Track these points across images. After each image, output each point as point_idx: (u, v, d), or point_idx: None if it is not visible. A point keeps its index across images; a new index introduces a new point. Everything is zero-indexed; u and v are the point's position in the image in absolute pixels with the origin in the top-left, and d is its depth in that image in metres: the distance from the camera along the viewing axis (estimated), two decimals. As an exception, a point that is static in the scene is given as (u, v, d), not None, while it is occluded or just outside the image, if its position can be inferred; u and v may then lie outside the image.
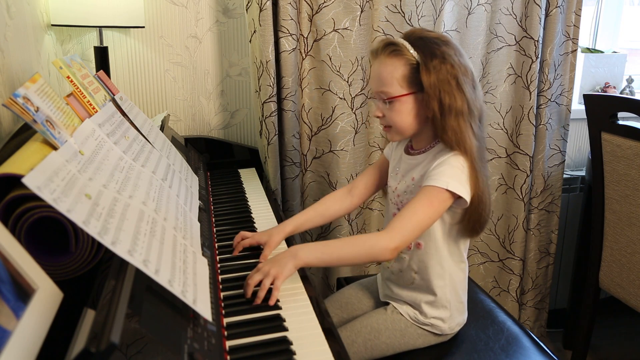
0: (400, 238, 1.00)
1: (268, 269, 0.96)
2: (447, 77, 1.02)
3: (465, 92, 1.03)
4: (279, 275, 0.95)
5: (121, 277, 0.67)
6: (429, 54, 1.03)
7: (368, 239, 1.05)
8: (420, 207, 1.02)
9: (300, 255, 0.99)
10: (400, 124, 1.09)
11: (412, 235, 1.02)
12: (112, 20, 1.46)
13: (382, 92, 1.08)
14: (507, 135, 1.93)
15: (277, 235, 1.16)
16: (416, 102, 1.06)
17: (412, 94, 1.06)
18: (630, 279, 1.64)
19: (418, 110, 1.07)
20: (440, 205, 1.03)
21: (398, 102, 1.07)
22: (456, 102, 1.02)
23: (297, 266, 0.99)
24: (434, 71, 1.02)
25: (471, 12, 1.79)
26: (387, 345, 1.15)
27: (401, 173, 1.18)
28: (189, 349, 0.69)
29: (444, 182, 1.02)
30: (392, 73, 1.05)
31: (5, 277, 0.56)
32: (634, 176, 1.57)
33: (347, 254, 1.03)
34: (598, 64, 2.23)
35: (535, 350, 1.16)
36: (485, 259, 2.05)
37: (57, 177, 0.66)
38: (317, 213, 1.25)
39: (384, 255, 1.01)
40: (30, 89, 0.80)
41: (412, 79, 1.05)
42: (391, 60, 1.06)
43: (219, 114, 1.86)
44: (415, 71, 1.04)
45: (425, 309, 1.15)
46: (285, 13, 1.58)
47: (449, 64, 1.03)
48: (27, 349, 0.54)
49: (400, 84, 1.05)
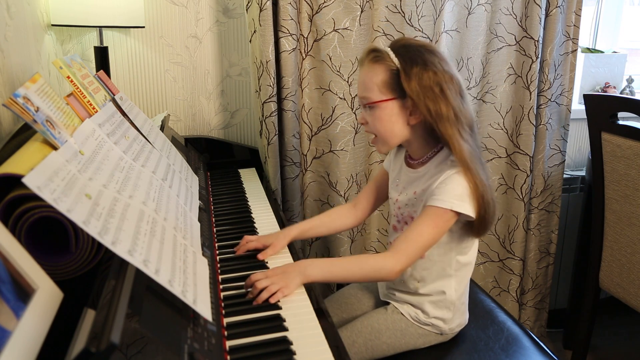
0: (405, 261, 1.03)
1: (277, 280, 0.97)
2: (429, 83, 1.03)
3: (449, 98, 1.03)
4: (284, 288, 0.96)
5: (121, 277, 0.67)
6: (409, 60, 1.04)
7: (375, 261, 1.05)
8: (425, 228, 1.03)
9: (308, 272, 1.01)
10: (382, 131, 1.10)
11: (416, 256, 1.05)
12: (112, 20, 1.46)
13: (364, 97, 1.09)
14: (507, 135, 1.93)
15: (283, 239, 1.17)
16: (396, 108, 1.07)
17: (391, 99, 1.06)
18: (630, 279, 1.64)
19: (399, 117, 1.08)
20: (445, 225, 1.04)
21: (378, 108, 1.08)
22: (440, 108, 1.03)
23: (303, 282, 1.00)
24: (415, 77, 1.03)
25: (471, 12, 1.79)
26: (387, 346, 1.16)
27: (402, 185, 1.18)
28: (189, 349, 0.69)
29: (449, 204, 1.02)
30: (373, 79, 1.07)
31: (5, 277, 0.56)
32: (634, 176, 1.57)
33: (353, 274, 1.05)
34: (598, 64, 2.23)
35: (535, 350, 1.16)
36: (485, 259, 2.05)
37: (57, 177, 0.66)
38: (322, 223, 1.28)
39: (389, 277, 1.04)
40: (30, 89, 0.80)
41: (392, 85, 1.06)
42: (373, 67, 1.07)
43: (219, 114, 1.86)
44: (396, 77, 1.05)
45: (428, 308, 1.16)
46: (285, 13, 1.58)
47: (431, 71, 1.03)
48: (27, 349, 0.54)
49: (380, 90, 1.06)
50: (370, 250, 1.89)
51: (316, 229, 1.27)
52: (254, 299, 0.95)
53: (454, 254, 1.13)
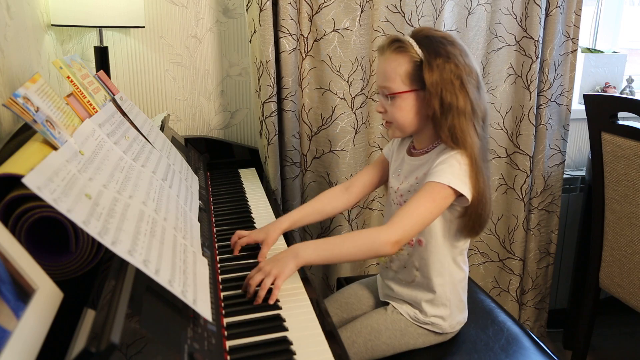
0: (401, 232, 1.01)
1: (269, 269, 0.96)
2: (450, 76, 1.03)
3: (469, 92, 1.04)
4: (279, 275, 0.95)
5: (121, 277, 0.67)
6: (433, 52, 1.04)
7: (369, 233, 1.05)
8: (423, 201, 1.02)
9: (301, 254, 0.99)
10: (401, 121, 1.10)
11: (413, 230, 1.02)
12: (112, 20, 1.46)
13: (385, 87, 1.09)
14: (507, 135, 1.93)
15: (273, 232, 1.16)
16: (417, 99, 1.07)
17: (413, 91, 1.07)
18: (630, 279, 1.64)
19: (419, 108, 1.08)
20: (442, 201, 1.03)
21: (399, 98, 1.07)
22: (458, 101, 1.03)
23: (298, 265, 0.99)
24: (437, 69, 1.03)
25: (471, 12, 1.79)
26: (387, 346, 1.15)
27: (404, 174, 1.18)
28: (189, 349, 0.69)
29: (447, 179, 1.02)
30: (396, 69, 1.06)
31: (5, 277, 0.56)
32: (634, 176, 1.57)
33: (348, 249, 1.03)
34: (598, 64, 2.23)
35: (535, 350, 1.16)
36: (485, 259, 2.05)
37: (57, 177, 0.66)
38: (314, 209, 1.25)
39: (385, 248, 1.00)
40: (30, 89, 0.80)
41: (414, 76, 1.06)
42: (395, 57, 1.07)
43: (219, 114, 1.86)
44: (419, 69, 1.05)
45: (425, 307, 1.15)
46: (285, 13, 1.58)
47: (453, 63, 1.03)
48: (27, 349, 0.54)
49: (403, 81, 1.06)
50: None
51: (308, 217, 1.24)
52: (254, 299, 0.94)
53: (446, 252, 1.13)
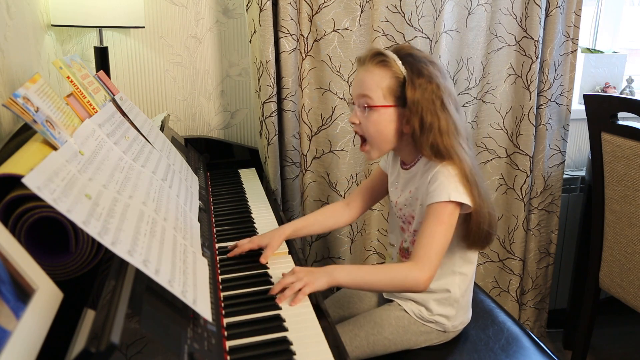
0: (430, 267, 1.02)
1: (302, 276, 0.98)
2: (431, 97, 1.04)
3: (450, 112, 1.05)
4: (309, 284, 0.97)
5: (121, 277, 0.67)
6: (417, 71, 1.05)
7: (401, 269, 1.05)
8: (434, 228, 1.03)
9: (335, 274, 1.01)
10: (374, 135, 1.10)
11: (438, 260, 1.03)
12: (112, 21, 1.46)
13: (365, 97, 1.08)
14: (507, 135, 1.93)
15: (277, 237, 1.16)
16: (394, 115, 1.08)
17: (392, 107, 1.07)
18: (630, 279, 1.64)
19: (395, 125, 1.08)
20: (450, 218, 1.04)
21: (377, 112, 1.08)
22: (440, 121, 1.04)
23: (330, 283, 1.00)
24: (419, 89, 1.04)
25: (471, 12, 1.79)
26: (389, 341, 1.16)
27: (400, 187, 1.20)
28: (189, 349, 0.69)
29: (445, 195, 1.03)
30: (378, 82, 1.07)
31: (5, 277, 0.56)
32: (634, 176, 1.57)
33: (379, 280, 1.03)
34: (598, 64, 2.23)
35: (535, 351, 1.16)
36: (485, 259, 2.05)
37: (57, 177, 0.66)
38: (316, 221, 1.28)
39: (418, 287, 1.02)
40: (30, 89, 0.80)
41: (396, 92, 1.06)
42: (378, 70, 1.07)
43: (219, 114, 1.86)
44: (400, 85, 1.06)
45: (432, 306, 1.16)
46: (285, 13, 1.58)
47: (435, 84, 1.05)
48: (27, 349, 0.54)
49: (384, 95, 1.07)
50: (370, 250, 1.90)
51: (310, 227, 1.27)
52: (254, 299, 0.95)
53: (457, 251, 1.13)
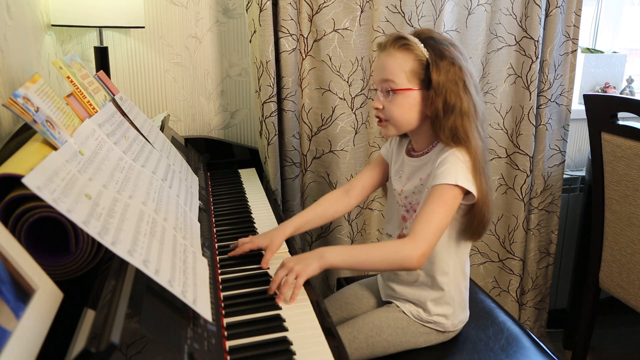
0: (425, 243, 1.01)
1: (292, 265, 0.98)
2: (455, 78, 1.04)
3: (471, 94, 1.06)
4: (302, 273, 0.96)
5: (121, 277, 0.67)
6: (439, 53, 1.05)
7: (394, 244, 1.05)
8: (436, 207, 1.02)
9: (326, 256, 1.00)
10: (399, 118, 1.10)
11: (435, 238, 1.02)
12: (112, 21, 1.46)
13: (388, 82, 1.08)
14: (507, 135, 1.93)
15: (277, 238, 1.15)
16: (418, 98, 1.08)
17: (417, 89, 1.07)
18: (630, 279, 1.64)
19: (419, 107, 1.08)
20: (453, 201, 1.04)
21: (401, 95, 1.08)
22: (462, 103, 1.04)
23: (322, 267, 1.00)
24: (443, 71, 1.04)
25: (471, 12, 1.79)
26: (388, 343, 1.16)
27: (406, 175, 1.18)
28: (189, 349, 0.69)
29: (453, 179, 1.02)
30: (401, 66, 1.07)
31: (5, 277, 0.56)
32: (634, 176, 1.57)
33: (373, 258, 1.03)
34: (598, 64, 2.23)
35: (535, 351, 1.16)
36: (485, 259, 2.05)
37: (57, 177, 0.66)
38: (316, 214, 1.26)
39: (410, 262, 1.00)
40: (30, 89, 0.80)
41: (419, 75, 1.06)
42: (401, 54, 1.07)
43: (219, 114, 1.86)
44: (424, 68, 1.06)
45: (429, 306, 1.16)
46: (285, 13, 1.58)
47: (458, 66, 1.05)
48: (27, 349, 0.54)
49: (408, 78, 1.07)
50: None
51: (311, 222, 1.25)
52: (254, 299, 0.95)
53: (448, 249, 1.13)
